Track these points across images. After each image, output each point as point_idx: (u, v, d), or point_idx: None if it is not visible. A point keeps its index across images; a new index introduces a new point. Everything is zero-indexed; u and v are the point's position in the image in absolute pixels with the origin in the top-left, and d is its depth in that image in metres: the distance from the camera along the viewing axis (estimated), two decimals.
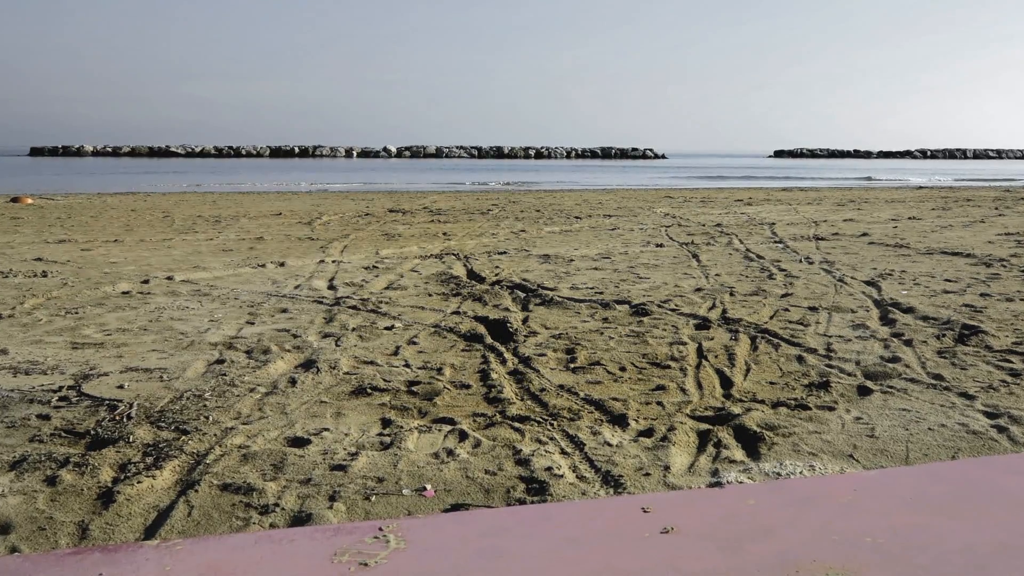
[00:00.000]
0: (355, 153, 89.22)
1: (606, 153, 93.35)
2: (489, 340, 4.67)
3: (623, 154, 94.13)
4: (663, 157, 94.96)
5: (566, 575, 2.06)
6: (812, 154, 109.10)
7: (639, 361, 4.21)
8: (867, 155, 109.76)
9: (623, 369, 4.06)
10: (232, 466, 2.84)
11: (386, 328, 5.01)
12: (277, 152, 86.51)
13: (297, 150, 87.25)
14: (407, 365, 4.15)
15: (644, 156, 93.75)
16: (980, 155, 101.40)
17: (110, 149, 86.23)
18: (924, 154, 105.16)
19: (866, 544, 2.20)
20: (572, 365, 4.14)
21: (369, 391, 3.70)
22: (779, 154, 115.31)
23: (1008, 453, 2.95)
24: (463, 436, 3.13)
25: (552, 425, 3.25)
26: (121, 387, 3.77)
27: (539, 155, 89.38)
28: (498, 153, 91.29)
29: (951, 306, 5.53)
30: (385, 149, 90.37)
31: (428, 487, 2.69)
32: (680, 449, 3.01)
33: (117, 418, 3.32)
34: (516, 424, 3.26)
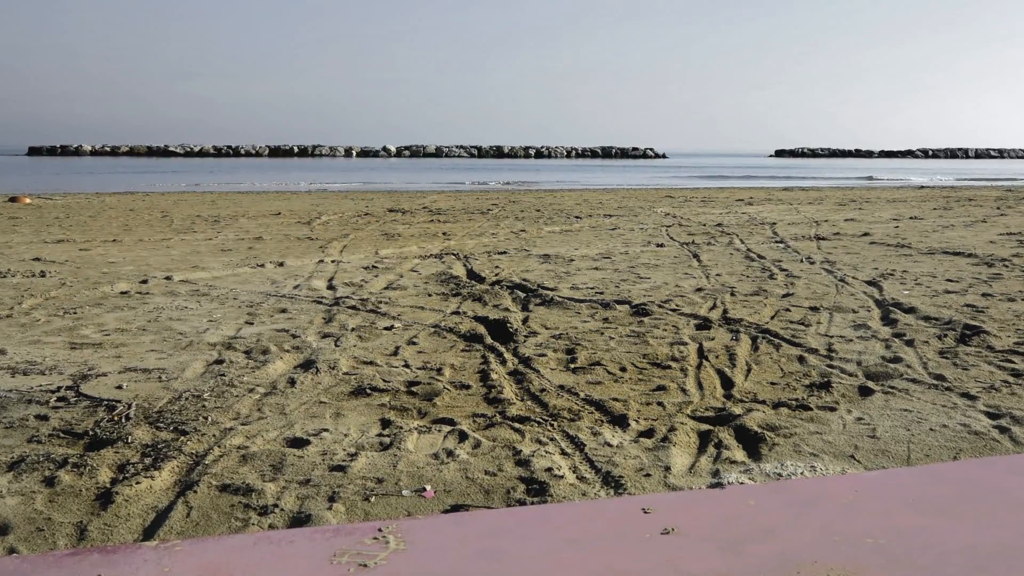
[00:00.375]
0: (354, 153, 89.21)
1: (606, 152, 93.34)
2: (489, 340, 4.66)
3: (623, 153, 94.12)
4: (664, 156, 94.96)
5: None
6: (813, 153, 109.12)
7: (640, 361, 4.20)
8: (868, 155, 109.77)
9: (623, 369, 4.05)
10: (231, 467, 2.83)
11: (385, 328, 5.00)
12: (276, 152, 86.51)
13: (296, 150, 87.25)
14: (407, 365, 4.14)
15: (644, 155, 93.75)
16: (982, 154, 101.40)
17: (108, 148, 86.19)
18: (926, 153, 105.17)
19: (867, 545, 2.19)
20: (572, 365, 4.13)
21: (368, 391, 3.69)
22: (780, 153, 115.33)
23: (1010, 454, 2.94)
24: (463, 437, 3.12)
25: (552, 426, 3.24)
26: (119, 387, 3.76)
27: (539, 154, 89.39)
28: (498, 152, 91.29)
29: (953, 306, 5.52)
30: (384, 148, 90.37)
31: (428, 488, 2.68)
32: (681, 450, 3.00)
33: (115, 419, 3.31)
34: (516, 425, 3.25)
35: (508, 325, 5.01)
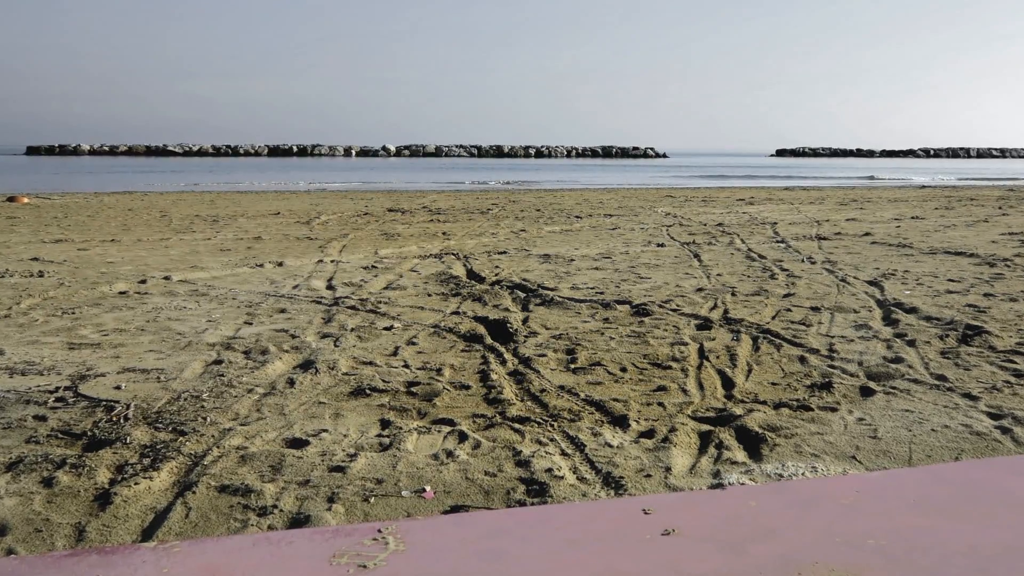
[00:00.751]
0: (354, 152, 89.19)
1: (607, 152, 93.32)
2: (489, 340, 4.65)
3: (624, 153, 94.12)
4: (664, 156, 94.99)
5: None
6: (814, 153, 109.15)
7: (640, 362, 4.19)
8: (870, 154, 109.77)
9: (624, 370, 4.04)
10: (230, 467, 2.82)
11: (385, 328, 4.99)
12: (275, 151, 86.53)
13: (295, 149, 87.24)
14: (406, 366, 4.13)
15: (645, 155, 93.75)
16: (984, 154, 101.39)
17: (107, 148, 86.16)
18: (927, 153, 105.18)
19: (869, 546, 2.18)
20: (572, 366, 4.12)
21: (368, 392, 3.68)
22: (781, 153, 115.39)
23: (1012, 454, 2.93)
24: (463, 437, 3.11)
25: (552, 426, 3.23)
26: (118, 388, 3.74)
27: (539, 154, 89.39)
28: (498, 152, 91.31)
29: (954, 306, 5.51)
30: (384, 148, 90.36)
31: (427, 488, 2.67)
32: (681, 450, 2.99)
33: (114, 419, 3.30)
34: (516, 425, 3.24)
35: (508, 325, 5.00)
